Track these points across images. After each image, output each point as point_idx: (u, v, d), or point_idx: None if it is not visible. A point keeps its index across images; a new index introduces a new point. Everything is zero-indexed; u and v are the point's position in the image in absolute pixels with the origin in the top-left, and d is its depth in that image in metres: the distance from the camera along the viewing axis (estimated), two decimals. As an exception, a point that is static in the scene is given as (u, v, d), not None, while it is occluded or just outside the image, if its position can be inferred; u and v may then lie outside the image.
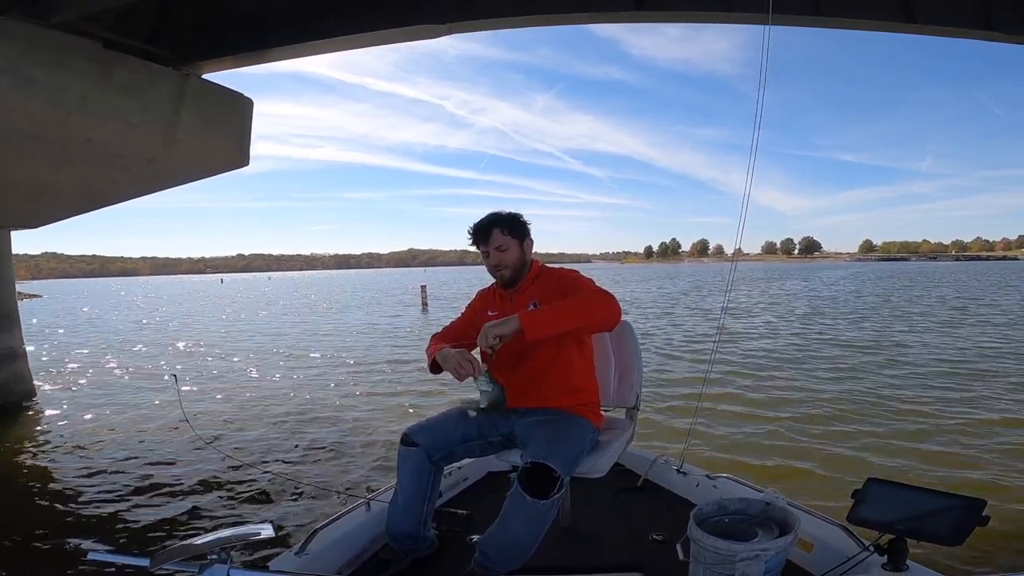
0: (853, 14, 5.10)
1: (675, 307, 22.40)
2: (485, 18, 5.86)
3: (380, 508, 2.20)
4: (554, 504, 1.79)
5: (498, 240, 2.17)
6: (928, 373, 8.35)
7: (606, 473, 2.13)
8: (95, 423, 6.84)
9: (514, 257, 2.19)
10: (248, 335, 16.49)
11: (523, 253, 2.21)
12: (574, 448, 1.94)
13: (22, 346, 7.75)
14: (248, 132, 7.80)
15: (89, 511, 4.26)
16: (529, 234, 2.24)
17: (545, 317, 1.88)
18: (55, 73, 5.02)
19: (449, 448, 2.09)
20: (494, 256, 2.18)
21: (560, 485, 1.77)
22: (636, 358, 2.46)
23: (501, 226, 2.18)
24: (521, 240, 2.20)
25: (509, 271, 2.20)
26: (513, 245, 2.18)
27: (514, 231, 2.19)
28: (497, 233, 2.17)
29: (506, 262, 2.18)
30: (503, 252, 2.18)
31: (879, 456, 4.91)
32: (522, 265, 2.21)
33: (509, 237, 2.18)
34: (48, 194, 6.95)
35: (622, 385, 2.47)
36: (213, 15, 6.31)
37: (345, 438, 6.01)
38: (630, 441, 2.40)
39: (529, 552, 1.82)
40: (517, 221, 2.21)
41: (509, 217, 2.21)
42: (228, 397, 8.25)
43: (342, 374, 9.79)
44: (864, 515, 1.50)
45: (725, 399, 6.88)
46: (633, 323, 2.58)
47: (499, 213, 2.23)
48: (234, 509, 4.30)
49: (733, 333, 12.99)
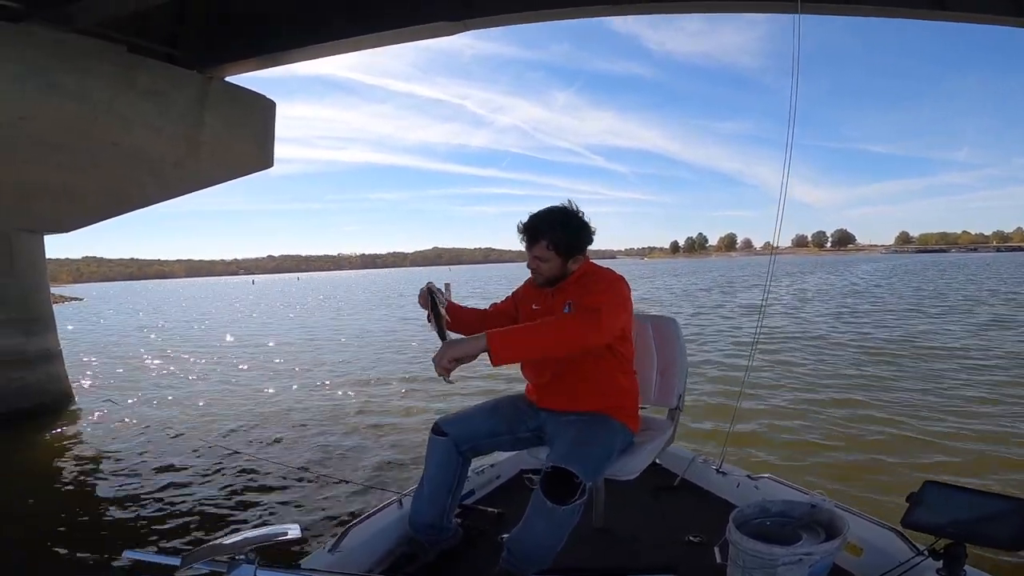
0: (882, 1, 4.92)
1: (702, 304, 21.98)
2: (499, 13, 5.83)
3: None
4: (575, 510, 1.73)
5: (540, 251, 2.02)
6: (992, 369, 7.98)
7: (640, 473, 2.08)
8: (130, 425, 6.98)
9: (551, 269, 2.04)
10: (289, 332, 16.76)
11: (564, 269, 2.04)
12: (600, 452, 1.87)
13: (58, 347, 7.98)
14: (271, 134, 7.93)
15: (121, 511, 4.34)
16: (579, 251, 2.04)
17: (515, 340, 1.75)
18: (80, 78, 5.15)
19: (476, 440, 2.07)
20: (532, 261, 2.06)
21: (582, 491, 1.70)
22: (680, 357, 2.35)
23: (548, 240, 2.00)
24: (566, 258, 2.02)
25: (542, 278, 2.08)
26: (554, 260, 2.02)
27: (560, 250, 2.00)
28: (542, 245, 2.01)
29: (541, 271, 2.06)
30: (542, 262, 2.03)
31: (937, 459, 4.71)
32: (560, 276, 2.05)
33: (553, 253, 2.01)
34: (76, 198, 7.14)
35: (664, 384, 2.36)
36: (232, 17, 6.40)
37: (378, 435, 6.04)
38: (669, 443, 2.31)
39: (552, 554, 1.79)
40: (568, 241, 2.01)
41: (558, 236, 2.00)
42: (265, 396, 8.37)
43: (376, 372, 9.86)
44: (919, 519, 1.42)
45: (768, 397, 6.68)
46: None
47: (555, 223, 2.02)
48: (266, 508, 4.35)
49: (773, 327, 12.58)
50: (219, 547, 1.07)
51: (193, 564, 1.04)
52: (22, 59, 4.56)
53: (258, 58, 6.60)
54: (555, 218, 2.02)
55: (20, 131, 5.11)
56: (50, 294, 8.42)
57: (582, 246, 2.04)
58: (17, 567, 3.53)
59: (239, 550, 1.06)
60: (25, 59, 4.60)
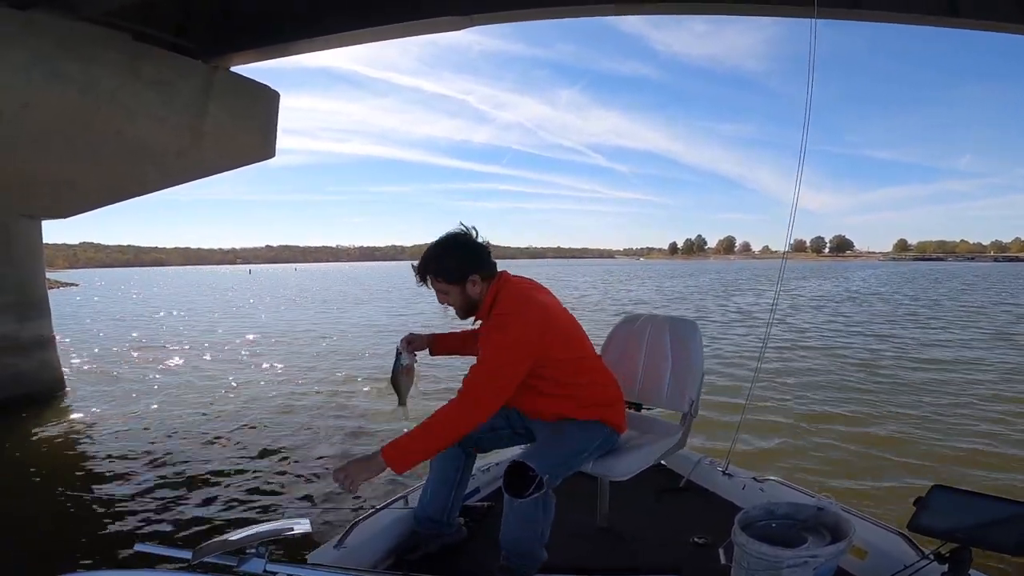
0: (894, 7, 4.92)
1: (692, 306, 21.98)
2: (506, 9, 5.81)
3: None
4: (536, 503, 1.80)
5: (435, 285, 2.02)
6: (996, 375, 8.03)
7: (641, 473, 2.10)
8: (126, 414, 6.95)
9: (457, 300, 2.02)
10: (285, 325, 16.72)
11: (467, 295, 2.01)
12: (565, 450, 1.92)
13: (51, 333, 7.93)
14: (274, 124, 7.89)
15: (125, 503, 4.32)
16: (471, 272, 1.99)
17: (409, 450, 1.76)
18: (85, 66, 5.10)
19: (477, 434, 2.07)
20: (440, 298, 2.06)
21: (539, 485, 1.75)
22: (695, 363, 2.29)
23: (432, 274, 2.00)
24: (461, 284, 1.99)
25: (460, 312, 2.07)
26: (452, 289, 2.00)
27: (450, 278, 1.99)
28: (431, 280, 2.02)
29: (451, 303, 2.05)
30: (445, 295, 2.03)
31: (944, 464, 4.72)
32: (471, 304, 2.03)
33: (444, 283, 2.00)
34: (77, 186, 7.10)
35: (676, 389, 2.31)
36: (238, 8, 6.36)
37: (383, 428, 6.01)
38: (676, 448, 2.30)
39: (533, 549, 1.87)
40: (448, 266, 1.99)
41: (441, 265, 1.99)
42: (266, 388, 8.36)
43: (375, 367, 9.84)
44: (926, 522, 1.41)
45: (774, 399, 6.69)
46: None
47: (434, 254, 2.01)
48: (272, 501, 4.36)
49: (775, 332, 12.54)
50: (229, 541, 1.09)
51: (204, 558, 1.06)
52: (26, 47, 4.51)
53: (264, 49, 6.57)
54: (433, 251, 2.01)
55: (23, 119, 5.07)
56: (45, 279, 8.37)
57: (472, 267, 1.99)
58: (19, 557, 3.50)
59: (249, 544, 1.08)
60: (29, 47, 4.55)
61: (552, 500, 1.91)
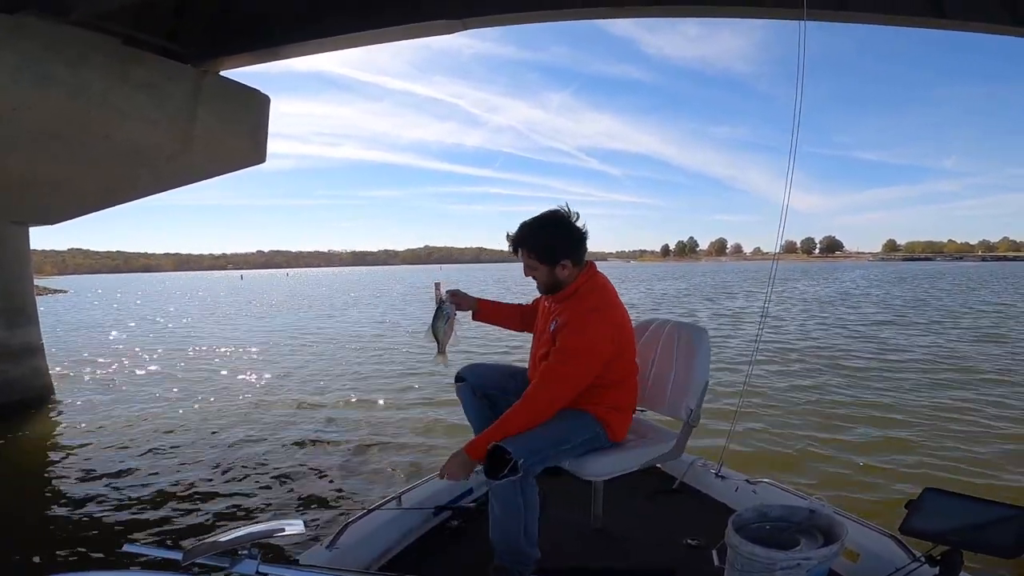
0: (881, 8, 4.98)
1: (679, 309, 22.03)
2: (499, 13, 5.81)
3: (412, 503, 2.24)
4: (514, 489, 1.84)
5: (526, 259, 2.07)
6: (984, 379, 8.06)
7: (634, 475, 2.10)
8: (115, 419, 6.91)
9: (543, 277, 2.07)
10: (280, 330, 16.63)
11: (554, 276, 2.05)
12: (546, 439, 1.92)
13: (40, 341, 7.85)
14: (265, 128, 7.85)
15: (115, 506, 4.30)
16: (563, 259, 2.01)
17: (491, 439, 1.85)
18: (75, 70, 5.06)
19: (486, 386, 2.24)
20: (525, 268, 2.11)
21: (513, 467, 1.77)
22: (699, 372, 2.25)
23: (527, 248, 2.05)
24: (551, 265, 2.03)
25: (541, 285, 2.12)
26: (541, 268, 2.04)
27: (542, 257, 2.03)
28: (524, 253, 2.06)
29: (534, 277, 2.11)
30: (532, 270, 2.08)
31: (935, 466, 4.74)
32: (555, 284, 2.07)
33: (536, 261, 2.04)
34: (66, 191, 7.04)
35: (677, 395, 2.28)
36: (229, 11, 6.34)
37: (376, 433, 6.03)
38: (667, 457, 2.28)
39: (520, 545, 1.89)
40: (546, 248, 2.02)
41: (538, 242, 2.03)
42: (256, 392, 8.32)
43: (371, 373, 9.81)
44: (917, 525, 1.44)
45: (766, 402, 6.73)
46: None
47: (534, 229, 2.05)
48: (265, 502, 4.35)
49: (772, 331, 12.69)
50: (221, 541, 1.07)
51: (195, 559, 1.03)
52: (16, 50, 4.48)
53: (254, 52, 6.53)
54: (534, 225, 2.04)
55: (12, 123, 5.03)
56: (33, 286, 8.29)
57: (567, 253, 2.01)
58: (9, 558, 3.49)
59: (241, 545, 1.06)
60: (20, 50, 4.52)
61: (534, 491, 1.92)
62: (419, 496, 2.34)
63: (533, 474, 1.89)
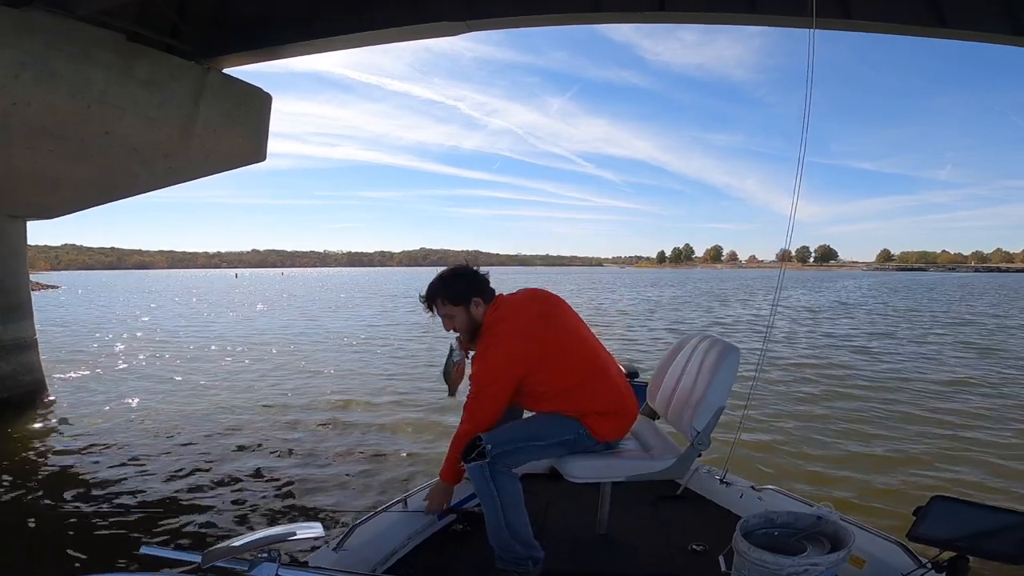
0: (884, 17, 5.02)
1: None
2: (502, 15, 5.81)
3: (417, 505, 2.26)
4: (482, 473, 1.92)
5: (442, 310, 2.20)
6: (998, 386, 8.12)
7: (639, 482, 2.12)
8: (114, 417, 6.85)
9: (462, 322, 2.20)
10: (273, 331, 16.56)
11: (470, 317, 2.18)
12: (521, 432, 2.06)
13: (34, 336, 7.79)
14: (266, 127, 7.84)
15: (126, 506, 4.27)
16: (474, 295, 2.17)
17: (450, 466, 2.14)
18: (79, 65, 5.03)
19: None
20: (445, 323, 2.23)
21: (481, 452, 1.90)
22: (715, 394, 2.12)
23: (441, 297, 2.18)
24: (465, 305, 2.17)
25: (466, 335, 2.26)
26: (458, 311, 2.18)
27: (455, 299, 2.17)
28: (439, 304, 2.20)
29: (457, 327, 2.23)
30: (450, 319, 2.21)
31: (946, 473, 4.74)
32: (475, 326, 2.20)
33: (451, 305, 2.18)
34: (64, 186, 6.99)
35: (687, 413, 2.19)
36: (233, 9, 6.33)
37: (383, 437, 6.00)
38: (664, 474, 2.19)
39: (505, 540, 1.92)
40: (455, 289, 2.18)
41: (445, 287, 2.19)
42: (262, 392, 8.27)
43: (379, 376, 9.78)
44: (925, 532, 1.44)
45: (771, 409, 6.69)
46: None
47: (440, 281, 2.21)
48: (270, 505, 4.33)
49: (777, 340, 12.71)
50: (240, 545, 1.07)
51: (215, 562, 1.04)
52: (20, 45, 4.45)
53: (257, 51, 6.52)
54: (440, 278, 2.22)
55: (12, 117, 4.99)
56: (28, 281, 8.22)
57: (476, 291, 2.18)
58: (27, 559, 3.49)
59: (260, 547, 1.06)
60: (23, 45, 4.48)
61: (512, 483, 1.95)
62: (424, 499, 2.34)
63: (506, 465, 1.95)
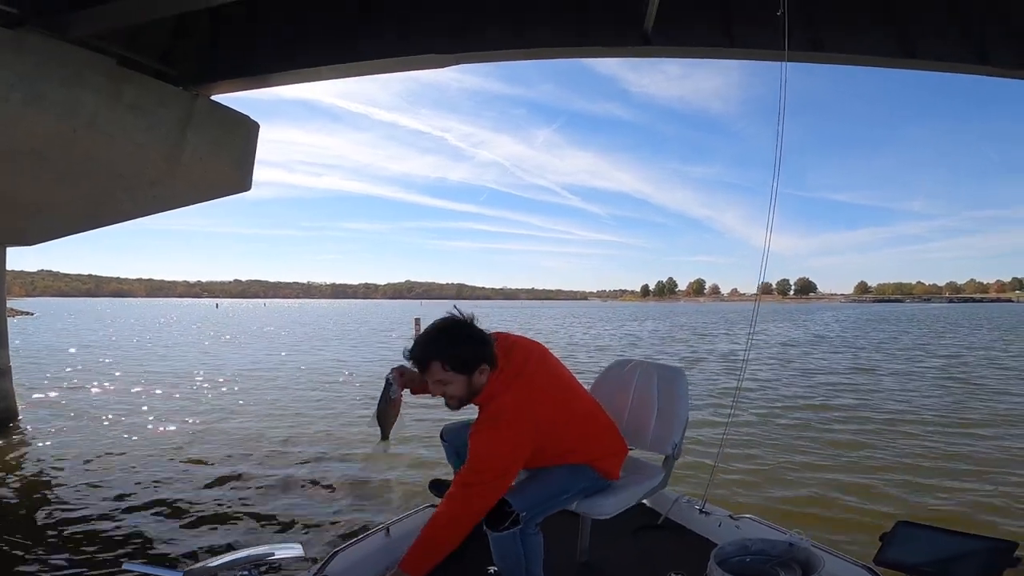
0: (855, 50, 5.27)
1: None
2: (491, 49, 5.95)
3: (400, 533, 2.25)
4: (513, 539, 1.84)
5: (437, 375, 1.84)
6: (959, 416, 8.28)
7: (620, 512, 2.15)
8: (85, 442, 6.73)
9: (458, 390, 1.87)
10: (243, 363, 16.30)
11: (470, 386, 1.87)
12: (546, 490, 1.96)
13: (7, 364, 7.61)
14: (252, 156, 7.83)
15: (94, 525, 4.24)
16: (480, 364, 1.85)
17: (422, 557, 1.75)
18: (69, 88, 5.00)
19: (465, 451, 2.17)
20: (435, 388, 1.89)
21: (514, 520, 1.80)
22: (681, 408, 2.39)
23: (442, 360, 1.82)
24: (469, 374, 1.85)
25: (455, 402, 1.91)
26: (458, 380, 1.85)
27: (458, 368, 1.83)
28: (437, 367, 1.83)
29: (449, 394, 1.89)
30: (445, 386, 1.86)
31: (911, 498, 4.87)
32: (472, 394, 1.90)
33: (452, 373, 1.83)
34: (47, 212, 6.93)
35: (660, 432, 2.39)
36: (225, 36, 6.39)
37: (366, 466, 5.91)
38: (659, 488, 2.38)
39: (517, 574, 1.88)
40: (463, 356, 1.83)
41: (453, 350, 1.83)
42: (243, 418, 8.15)
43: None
44: (891, 557, 1.48)
45: (748, 440, 6.83)
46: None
47: (443, 339, 1.85)
48: (248, 528, 4.27)
49: (754, 370, 12.90)
50: (221, 563, 1.08)
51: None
52: (11, 66, 4.43)
53: (247, 78, 6.56)
54: (441, 337, 1.86)
55: (-4, 140, 4.94)
56: (6, 308, 8.06)
57: (483, 356, 1.86)
58: None
59: (241, 566, 1.07)
60: (14, 67, 4.46)
61: (537, 538, 1.92)
62: (408, 527, 2.33)
63: (534, 523, 1.91)
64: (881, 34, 5.27)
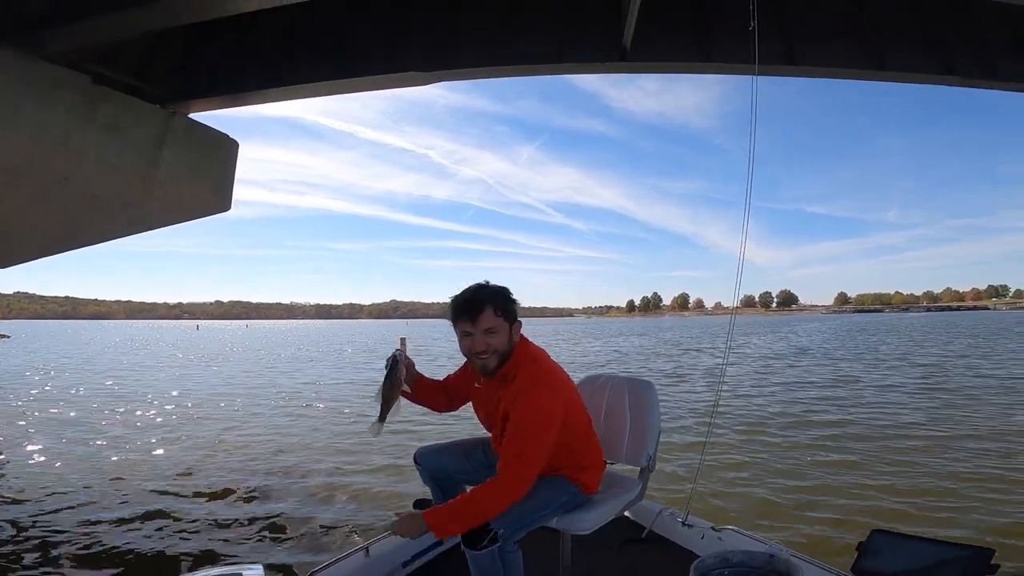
0: (827, 63, 5.42)
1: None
2: (471, 66, 5.99)
3: (379, 553, 2.26)
4: (492, 557, 1.81)
5: (488, 322, 1.85)
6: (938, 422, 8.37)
7: (603, 526, 2.15)
8: (57, 464, 6.52)
9: (503, 343, 1.89)
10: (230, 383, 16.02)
11: (510, 339, 1.91)
12: (526, 506, 1.90)
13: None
14: (231, 176, 7.75)
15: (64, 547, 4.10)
16: (517, 317, 1.94)
17: (450, 517, 1.79)
18: (40, 107, 4.93)
19: (447, 474, 2.24)
20: (479, 341, 1.87)
21: (492, 538, 1.78)
22: (653, 420, 2.41)
23: (495, 305, 1.85)
24: (511, 324, 1.90)
25: (495, 359, 1.90)
26: (504, 329, 1.88)
27: (507, 313, 1.88)
28: (490, 313, 1.85)
29: (493, 347, 1.88)
30: (492, 336, 1.87)
31: (887, 506, 4.87)
32: (507, 352, 1.91)
33: (502, 319, 1.87)
34: (19, 233, 6.78)
35: (635, 445, 2.41)
36: (202, 54, 6.36)
37: (345, 481, 5.81)
38: (636, 500, 2.39)
39: None
40: (510, 300, 1.91)
41: (502, 294, 1.90)
42: (218, 437, 7.93)
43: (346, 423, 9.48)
44: (868, 566, 1.51)
45: (730, 449, 6.77)
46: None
47: (489, 288, 1.90)
48: (227, 548, 4.15)
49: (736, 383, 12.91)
50: None
51: None
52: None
53: (225, 96, 6.52)
54: (488, 287, 1.93)
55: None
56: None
57: (517, 313, 1.97)
58: None
59: None
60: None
61: (516, 555, 1.88)
62: (387, 547, 2.32)
63: (513, 540, 1.88)
64: (851, 46, 5.44)
